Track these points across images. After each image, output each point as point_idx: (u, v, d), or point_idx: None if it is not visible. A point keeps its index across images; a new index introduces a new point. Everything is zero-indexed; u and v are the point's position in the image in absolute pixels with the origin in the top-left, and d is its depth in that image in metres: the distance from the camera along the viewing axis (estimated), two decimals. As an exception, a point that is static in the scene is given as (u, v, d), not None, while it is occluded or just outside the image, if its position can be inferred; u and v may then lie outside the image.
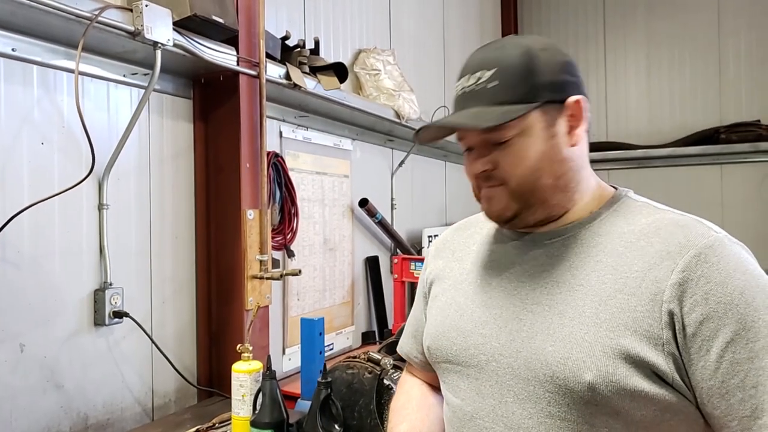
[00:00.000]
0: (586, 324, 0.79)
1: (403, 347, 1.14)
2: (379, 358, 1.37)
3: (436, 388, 1.09)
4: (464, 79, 0.88)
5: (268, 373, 1.34)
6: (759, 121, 4.16)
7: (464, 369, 0.90)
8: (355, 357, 1.40)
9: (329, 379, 1.27)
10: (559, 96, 0.85)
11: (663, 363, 0.75)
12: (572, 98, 0.86)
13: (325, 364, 1.33)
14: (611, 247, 0.83)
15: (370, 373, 1.33)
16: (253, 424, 1.34)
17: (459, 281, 0.98)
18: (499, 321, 0.87)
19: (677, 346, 0.75)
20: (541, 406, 0.80)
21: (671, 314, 0.75)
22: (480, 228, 1.04)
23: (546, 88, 0.84)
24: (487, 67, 0.85)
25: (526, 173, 0.84)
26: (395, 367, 1.36)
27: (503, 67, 0.84)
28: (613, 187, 0.94)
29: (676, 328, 0.75)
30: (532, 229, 0.91)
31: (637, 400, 0.75)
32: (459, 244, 1.05)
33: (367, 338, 3.03)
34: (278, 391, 1.35)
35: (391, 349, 1.53)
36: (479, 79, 0.85)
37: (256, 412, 1.36)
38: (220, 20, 1.85)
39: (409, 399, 1.10)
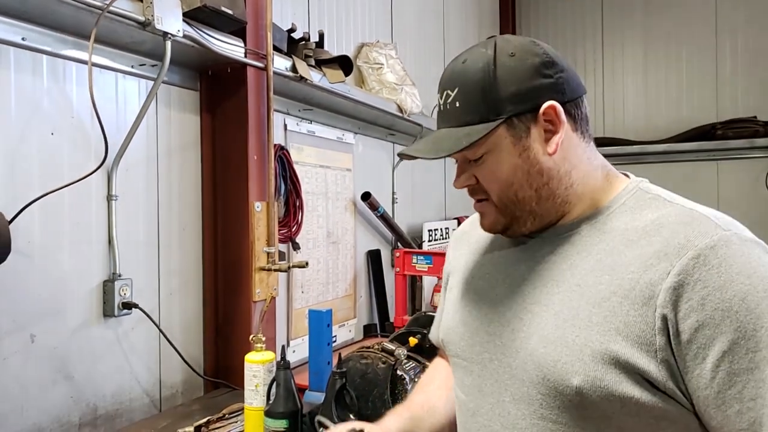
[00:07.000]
0: (578, 326, 0.77)
1: (432, 335, 1.15)
2: (393, 348, 1.38)
3: None
4: (440, 95, 0.87)
5: (282, 363, 1.35)
6: (755, 117, 4.20)
7: (469, 365, 0.91)
8: (368, 347, 1.41)
9: (344, 369, 1.28)
10: (527, 106, 0.80)
11: (655, 370, 0.72)
12: (545, 105, 0.81)
13: (340, 354, 1.34)
14: (613, 245, 0.80)
15: (384, 363, 1.34)
16: (268, 414, 1.34)
17: (471, 275, 0.98)
18: (503, 319, 0.86)
19: (672, 352, 0.72)
20: (534, 407, 0.80)
21: (665, 319, 0.71)
22: None
23: (510, 101, 0.80)
24: (451, 87, 0.84)
25: (503, 188, 0.84)
26: (409, 358, 1.38)
27: (463, 86, 0.82)
28: (626, 175, 0.90)
29: (670, 333, 0.71)
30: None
31: (628, 406, 0.73)
32: (477, 235, 1.03)
33: (368, 331, 3.05)
34: (292, 381, 1.35)
35: (401, 340, 1.54)
36: (447, 97, 0.84)
37: (270, 402, 1.37)
38: (229, 11, 1.84)
39: (432, 378, 1.13)
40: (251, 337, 1.46)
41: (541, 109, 0.81)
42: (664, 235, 0.75)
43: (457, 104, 0.82)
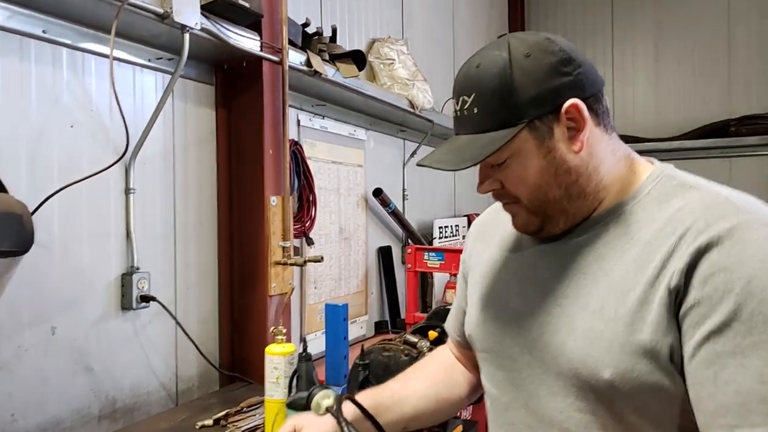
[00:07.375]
0: (605, 319, 0.76)
1: (448, 324, 1.14)
2: (416, 340, 1.37)
3: (465, 365, 1.10)
4: (456, 101, 0.85)
5: (305, 355, 1.35)
6: (769, 113, 4.18)
7: (500, 359, 0.91)
8: (390, 339, 1.41)
9: (367, 361, 1.27)
10: (548, 108, 0.79)
11: (680, 353, 0.72)
12: (567, 104, 0.78)
13: (363, 346, 1.34)
14: (639, 236, 0.79)
15: (406, 355, 1.33)
16: (290, 406, 1.34)
17: (498, 270, 0.96)
18: (532, 313, 0.86)
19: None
20: (570, 400, 0.80)
21: (677, 300, 0.72)
22: None
23: (530, 104, 0.78)
24: (467, 93, 0.81)
25: (531, 191, 0.83)
26: (431, 350, 1.37)
27: (480, 92, 0.80)
28: (651, 162, 0.88)
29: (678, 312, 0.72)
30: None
31: (660, 395, 0.73)
32: (501, 224, 1.01)
33: (380, 327, 3.04)
34: (314, 373, 1.35)
35: (421, 334, 1.53)
36: (464, 103, 0.82)
37: (292, 394, 1.36)
38: (246, 4, 1.84)
39: (422, 365, 1.12)
40: (272, 329, 1.46)
41: (563, 108, 0.79)
42: (687, 223, 0.75)
43: (475, 110, 0.80)
